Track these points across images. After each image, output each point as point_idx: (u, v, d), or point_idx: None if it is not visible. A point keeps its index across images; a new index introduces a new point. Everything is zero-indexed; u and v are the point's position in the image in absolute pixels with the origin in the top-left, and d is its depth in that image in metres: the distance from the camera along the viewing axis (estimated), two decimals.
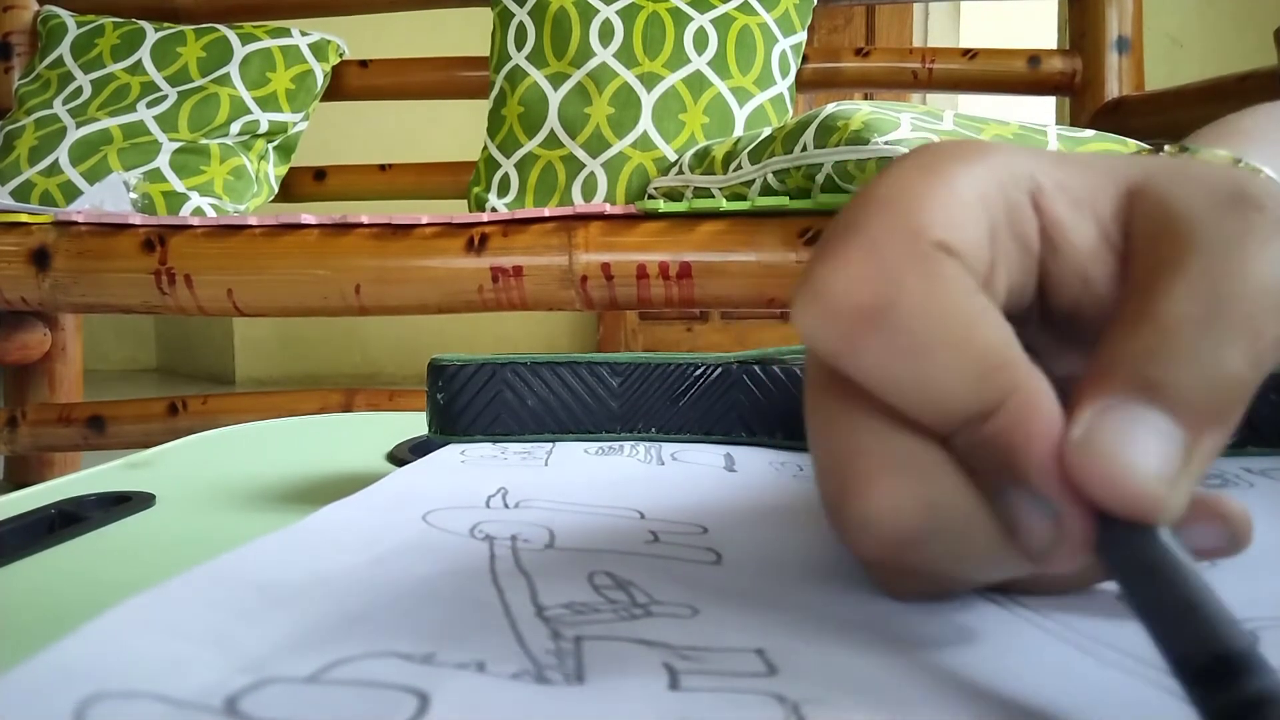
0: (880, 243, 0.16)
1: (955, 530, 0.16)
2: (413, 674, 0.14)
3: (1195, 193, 0.17)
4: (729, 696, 0.14)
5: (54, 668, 0.13)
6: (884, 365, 0.16)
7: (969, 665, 0.16)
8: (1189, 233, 0.16)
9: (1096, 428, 0.15)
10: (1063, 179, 0.18)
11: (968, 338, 0.16)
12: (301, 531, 0.21)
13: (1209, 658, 0.13)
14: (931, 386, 0.16)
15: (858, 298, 0.16)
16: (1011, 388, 0.15)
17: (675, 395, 0.33)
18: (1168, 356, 0.15)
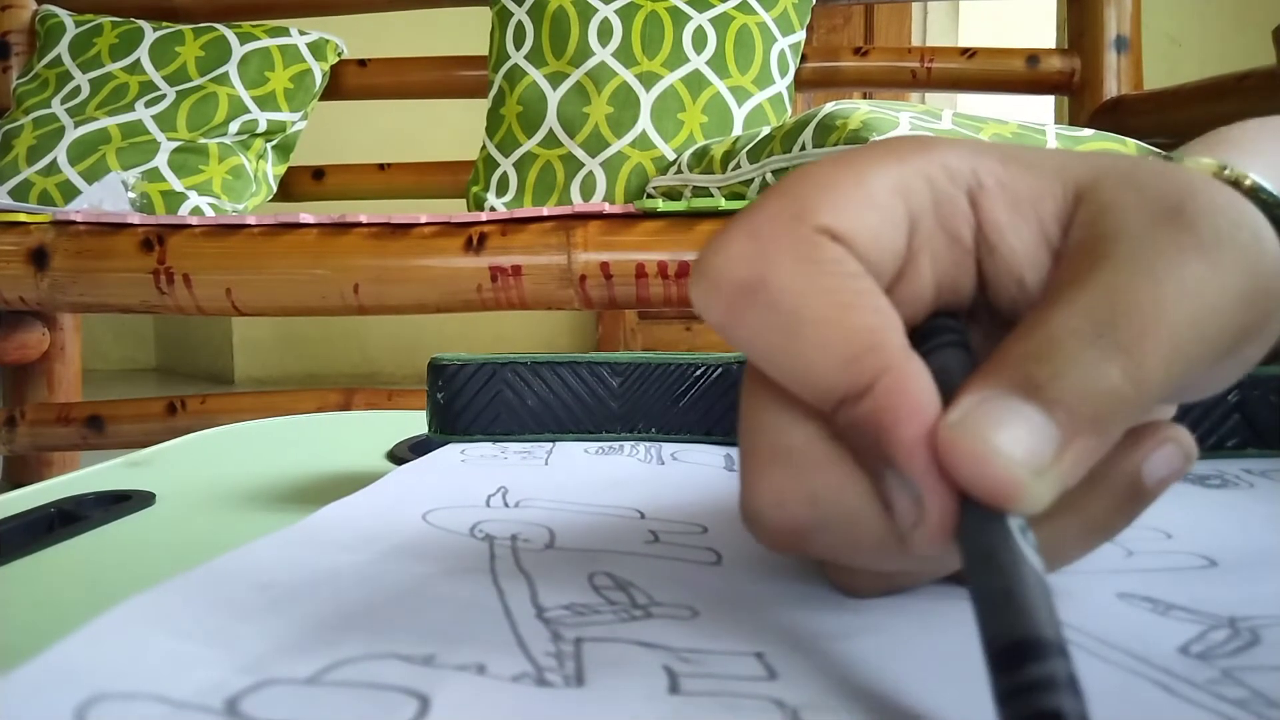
0: (761, 225, 0.17)
1: (840, 521, 0.17)
2: (413, 676, 0.14)
3: (1134, 203, 0.17)
4: (728, 701, 0.14)
5: (54, 669, 0.13)
6: (759, 339, 0.17)
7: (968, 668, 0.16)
8: (1110, 245, 0.16)
9: (972, 414, 0.15)
10: (1006, 178, 0.18)
11: (840, 317, 0.16)
12: (301, 531, 0.21)
13: (1009, 641, 0.13)
14: (803, 363, 0.16)
15: (734, 274, 0.17)
16: (882, 370, 0.16)
17: (675, 395, 0.33)
18: (1050, 358, 0.15)
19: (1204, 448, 0.31)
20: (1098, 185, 0.18)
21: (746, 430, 0.18)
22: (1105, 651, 0.16)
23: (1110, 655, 0.16)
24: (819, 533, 0.17)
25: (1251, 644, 0.17)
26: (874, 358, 0.16)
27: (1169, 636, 0.17)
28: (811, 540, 0.17)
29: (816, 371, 0.16)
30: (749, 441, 0.18)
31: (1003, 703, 0.13)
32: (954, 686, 0.15)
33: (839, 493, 0.17)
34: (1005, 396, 0.15)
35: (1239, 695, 0.15)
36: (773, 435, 0.17)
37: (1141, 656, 0.16)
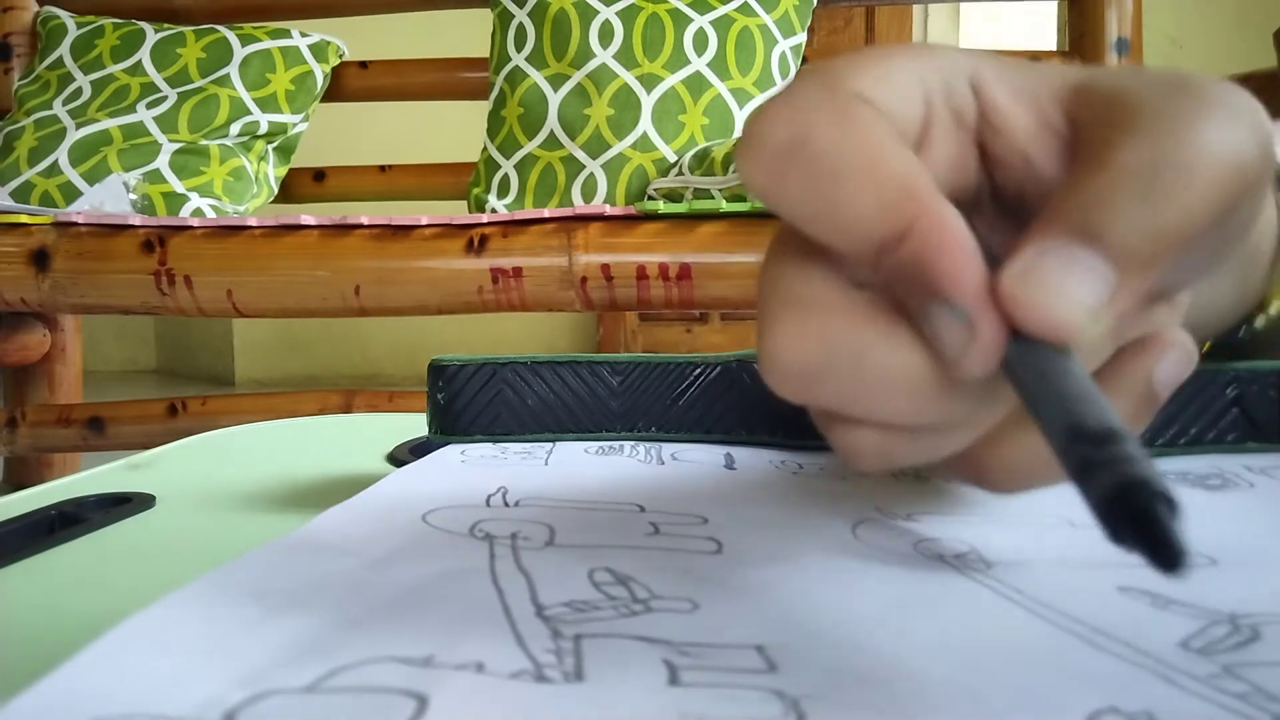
0: (799, 94, 0.18)
1: (850, 358, 0.17)
2: (411, 677, 0.14)
3: (1141, 80, 0.19)
4: (728, 692, 0.14)
5: (55, 693, 0.13)
6: (802, 196, 0.17)
7: (969, 660, 0.16)
8: (1136, 106, 0.18)
9: (1035, 264, 0.16)
10: (1004, 73, 0.20)
11: (876, 167, 0.17)
12: (300, 537, 0.21)
13: (1090, 426, 0.14)
14: (844, 213, 0.17)
15: (776, 136, 0.18)
16: (920, 211, 0.17)
17: (675, 395, 0.33)
18: (1108, 204, 0.17)
19: (1204, 443, 0.31)
20: (1094, 78, 0.19)
21: (765, 288, 0.19)
22: (1106, 643, 0.16)
23: (1111, 647, 0.16)
24: (830, 374, 0.17)
25: (1252, 640, 0.17)
26: (911, 202, 0.17)
27: (1170, 631, 0.17)
28: (823, 383, 0.18)
29: (857, 220, 0.17)
30: (767, 297, 0.19)
31: (1088, 474, 0.14)
32: (956, 678, 0.15)
33: (851, 331, 0.17)
34: (1065, 245, 0.17)
35: (1240, 689, 0.15)
36: (788, 286, 0.18)
37: (1142, 649, 0.16)
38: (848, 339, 0.17)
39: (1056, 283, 0.16)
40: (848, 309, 0.18)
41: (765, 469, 0.30)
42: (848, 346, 0.17)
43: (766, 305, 0.19)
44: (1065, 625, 0.17)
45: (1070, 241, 0.17)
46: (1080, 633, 0.17)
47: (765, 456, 0.31)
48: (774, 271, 0.19)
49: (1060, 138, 0.20)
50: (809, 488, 0.27)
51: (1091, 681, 0.15)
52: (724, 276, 0.99)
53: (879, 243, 0.17)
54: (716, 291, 1.00)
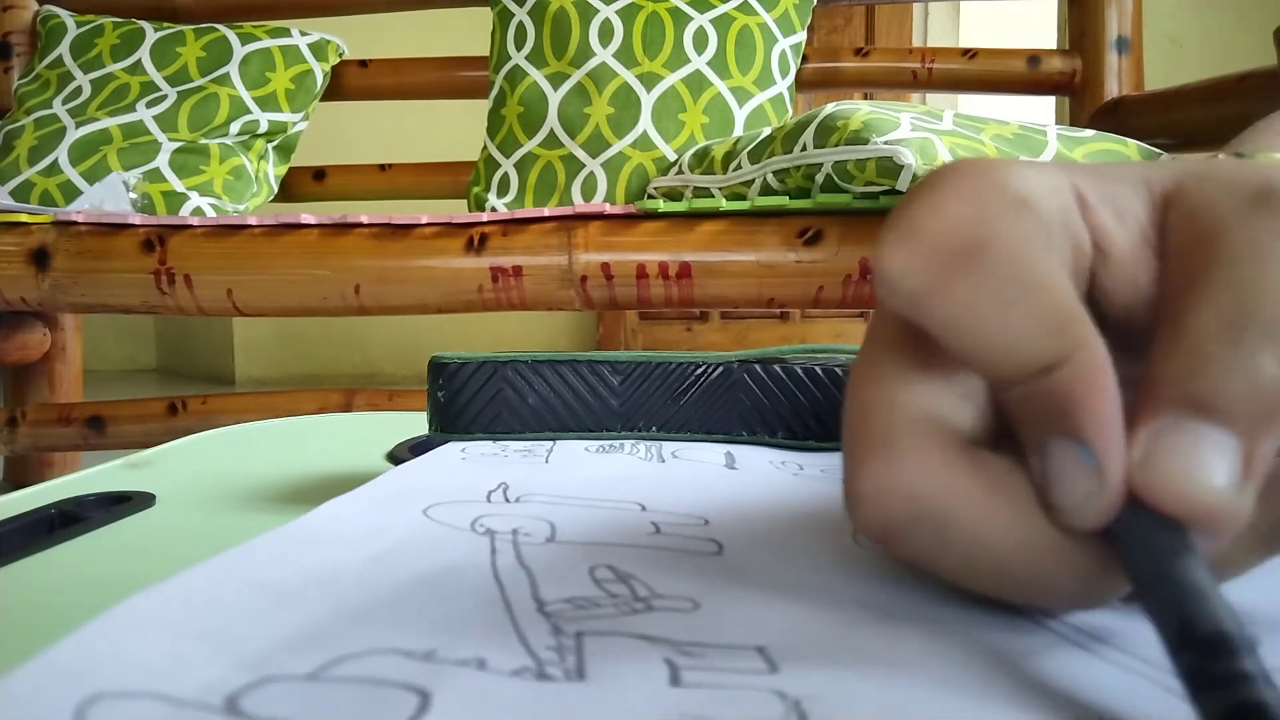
0: (974, 190, 0.17)
1: (937, 528, 0.16)
2: (413, 671, 0.14)
3: (1221, 196, 0.17)
4: (730, 693, 0.14)
5: (54, 668, 0.13)
6: (969, 307, 0.16)
7: (969, 664, 0.16)
8: (1213, 240, 0.17)
9: (1154, 450, 0.15)
10: (1103, 189, 0.18)
11: (1050, 287, 0.16)
12: (301, 528, 0.21)
13: (1207, 632, 0.13)
14: (1011, 333, 0.16)
15: (955, 237, 0.16)
16: (1080, 342, 0.16)
17: (676, 394, 0.33)
18: (1204, 370, 0.15)
19: None
20: (1182, 189, 0.18)
21: (856, 416, 0.18)
22: (1105, 649, 0.16)
23: (1109, 653, 0.16)
24: (912, 530, 0.16)
25: None
26: (1075, 330, 0.16)
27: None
28: (905, 539, 0.17)
29: (1020, 341, 0.16)
30: (857, 428, 0.17)
31: (1201, 690, 0.13)
32: (956, 681, 0.15)
33: (943, 492, 0.16)
34: (1177, 422, 0.15)
35: None
36: (882, 422, 0.17)
37: (1142, 656, 0.16)
38: (938, 501, 0.16)
39: (1185, 463, 0.15)
40: (943, 464, 0.16)
41: (766, 469, 0.30)
42: (936, 506, 0.16)
43: (855, 437, 0.17)
44: (1065, 631, 0.17)
45: (1182, 416, 0.15)
46: (1079, 639, 0.17)
47: (766, 456, 0.31)
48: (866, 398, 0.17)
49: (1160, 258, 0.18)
50: (810, 490, 0.27)
51: (1092, 685, 0.15)
52: (724, 275, 0.99)
53: (1032, 368, 0.16)
54: (716, 290, 0.99)
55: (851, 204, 0.97)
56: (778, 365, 0.32)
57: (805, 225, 0.98)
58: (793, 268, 0.98)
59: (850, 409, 0.18)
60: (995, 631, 0.17)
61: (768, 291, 0.99)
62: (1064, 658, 0.16)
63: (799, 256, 0.97)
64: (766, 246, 0.98)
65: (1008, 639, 0.17)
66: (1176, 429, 0.15)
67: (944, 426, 0.17)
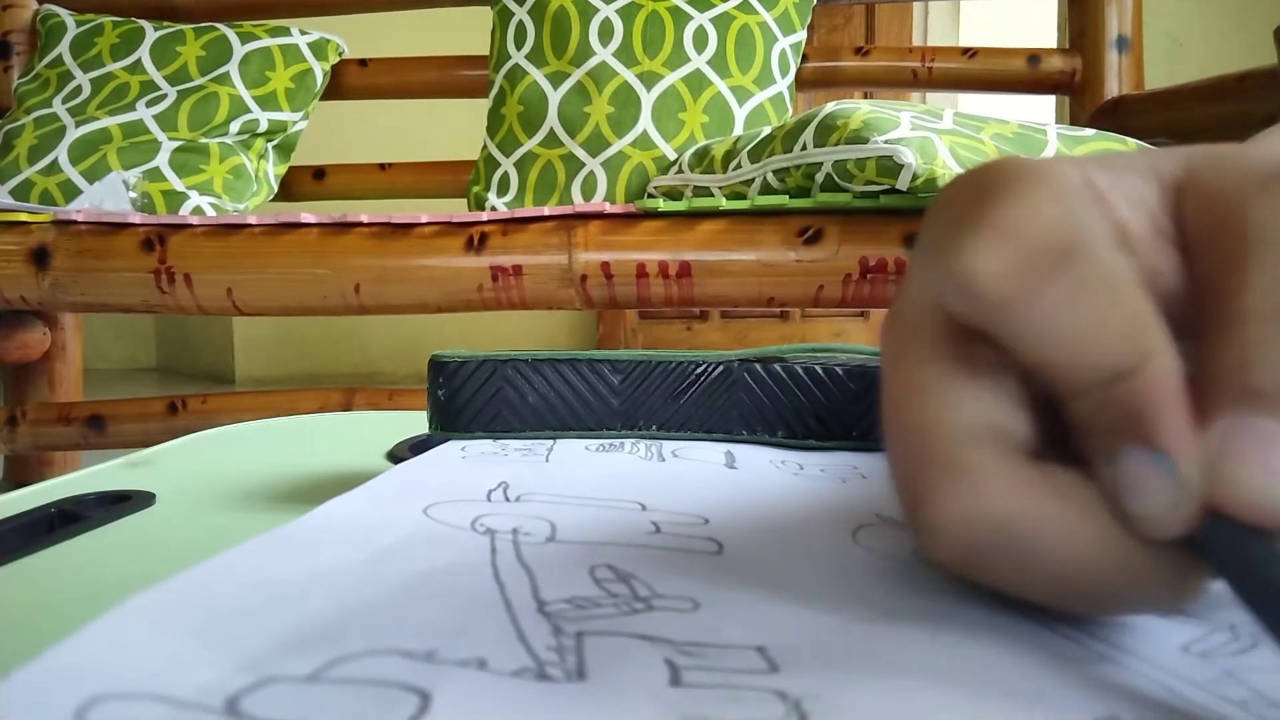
0: (1061, 189, 0.16)
1: (1025, 547, 0.16)
2: (414, 672, 0.14)
3: (1236, 180, 0.17)
4: (730, 693, 0.14)
5: (55, 670, 0.13)
6: (1058, 312, 0.15)
7: (970, 664, 0.16)
8: (1239, 225, 0.16)
9: (1222, 457, 0.15)
10: (1114, 180, 0.18)
11: (1131, 290, 0.16)
12: (301, 528, 0.21)
13: None
14: (1094, 338, 0.15)
15: (1049, 237, 0.15)
16: (1156, 348, 0.15)
17: (676, 393, 0.33)
18: (1260, 361, 0.15)
19: None
20: (1192, 175, 0.18)
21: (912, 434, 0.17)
22: (1106, 649, 0.16)
23: (1111, 653, 0.16)
24: (998, 556, 0.16)
25: (1252, 647, 0.17)
26: (1152, 334, 0.16)
27: (1170, 636, 0.17)
28: (991, 563, 0.16)
29: (1104, 347, 0.15)
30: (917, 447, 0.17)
31: None
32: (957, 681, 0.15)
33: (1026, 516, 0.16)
34: (1239, 420, 0.15)
35: (1240, 695, 0.15)
36: (944, 441, 0.16)
37: (1142, 655, 0.16)
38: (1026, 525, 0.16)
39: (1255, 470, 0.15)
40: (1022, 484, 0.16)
41: (766, 469, 0.30)
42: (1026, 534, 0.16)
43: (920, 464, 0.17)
44: (1065, 631, 0.17)
45: (1245, 412, 0.15)
46: (1080, 639, 0.17)
47: (766, 455, 0.31)
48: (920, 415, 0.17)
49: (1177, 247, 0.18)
50: (810, 490, 0.27)
51: (1092, 685, 0.15)
52: (724, 274, 0.99)
53: (1110, 375, 0.15)
54: (716, 289, 0.99)
55: (852, 203, 0.97)
56: (778, 364, 0.32)
57: (805, 224, 0.98)
58: (793, 267, 0.98)
59: (902, 431, 0.17)
60: (995, 631, 0.17)
61: (768, 291, 0.99)
62: (1064, 658, 0.16)
63: (799, 256, 0.97)
64: (766, 246, 0.98)
65: (1008, 639, 0.17)
66: (1239, 429, 0.15)
67: (1009, 440, 0.17)
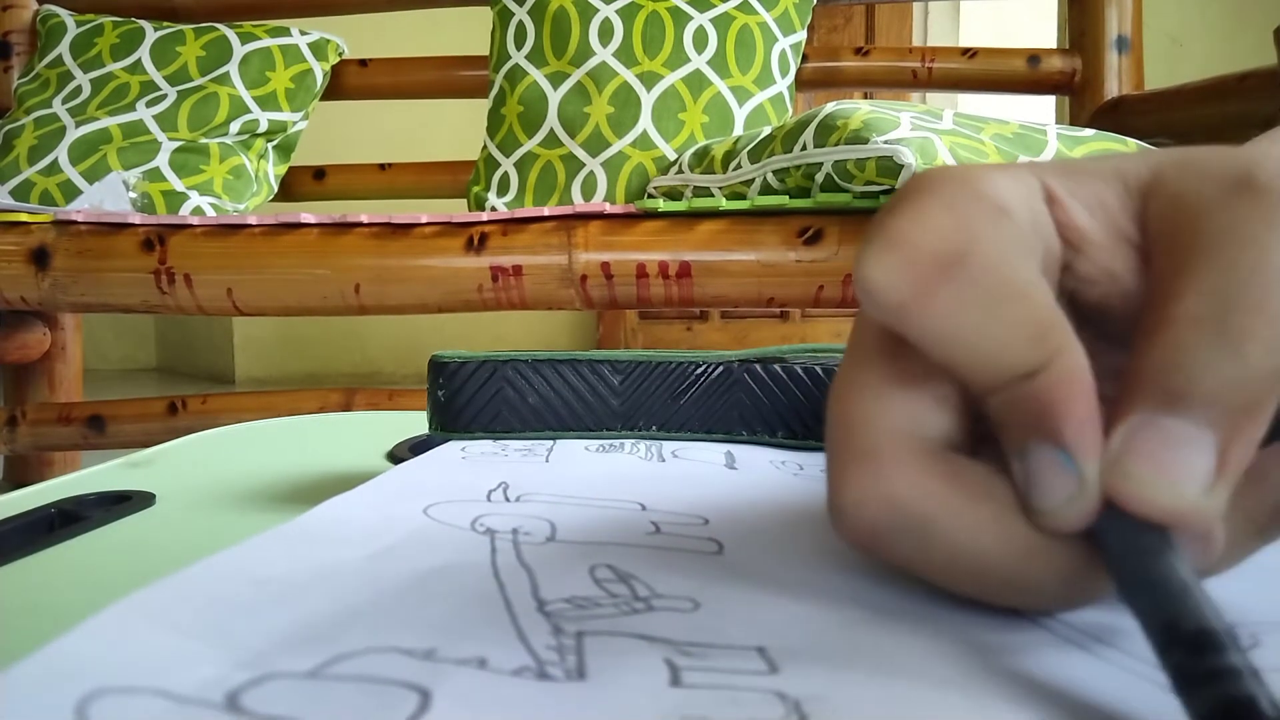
0: (955, 200, 0.17)
1: (916, 528, 0.16)
2: (414, 670, 0.14)
3: (1201, 184, 0.17)
4: (730, 694, 0.14)
5: (55, 664, 0.13)
6: (952, 316, 0.16)
7: (970, 664, 0.16)
8: (1194, 228, 0.16)
9: (1125, 452, 0.15)
10: (1072, 186, 0.18)
11: (1030, 294, 0.16)
12: (301, 526, 0.21)
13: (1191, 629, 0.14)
14: (992, 340, 0.16)
15: (937, 246, 0.16)
16: (1059, 348, 0.16)
17: (676, 393, 0.33)
18: (1183, 362, 0.15)
19: None
20: (1159, 178, 0.18)
21: (838, 429, 0.18)
22: (1102, 651, 0.16)
23: (1108, 654, 0.16)
24: (897, 538, 0.17)
25: (1251, 647, 0.17)
26: (1056, 334, 0.16)
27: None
28: (889, 545, 0.17)
29: (1002, 349, 0.16)
30: (839, 440, 0.18)
31: (1189, 687, 0.13)
32: (957, 681, 0.15)
33: (921, 498, 0.16)
34: (1154, 418, 0.15)
35: None
36: (862, 433, 0.17)
37: (1141, 656, 0.16)
38: (917, 505, 0.16)
39: (1155, 467, 0.15)
40: (922, 471, 0.17)
41: (766, 469, 0.30)
42: (916, 513, 0.16)
43: (838, 450, 0.18)
44: (1064, 631, 0.17)
45: (1158, 412, 0.15)
46: (1078, 639, 0.17)
47: (766, 456, 0.31)
48: (848, 410, 0.18)
49: (1137, 248, 0.18)
50: (810, 490, 0.27)
51: (1092, 685, 0.15)
52: (724, 274, 0.99)
53: (1013, 375, 0.16)
54: (716, 289, 0.99)
55: (851, 203, 0.97)
56: (778, 365, 0.32)
57: (805, 225, 0.98)
58: (793, 267, 0.98)
59: (832, 421, 0.18)
60: (995, 632, 0.17)
61: (768, 291, 0.99)
62: (1063, 658, 0.16)
63: (799, 256, 0.97)
64: (766, 246, 0.98)
65: (1008, 639, 0.17)
66: (1148, 427, 0.15)
67: (923, 436, 0.17)
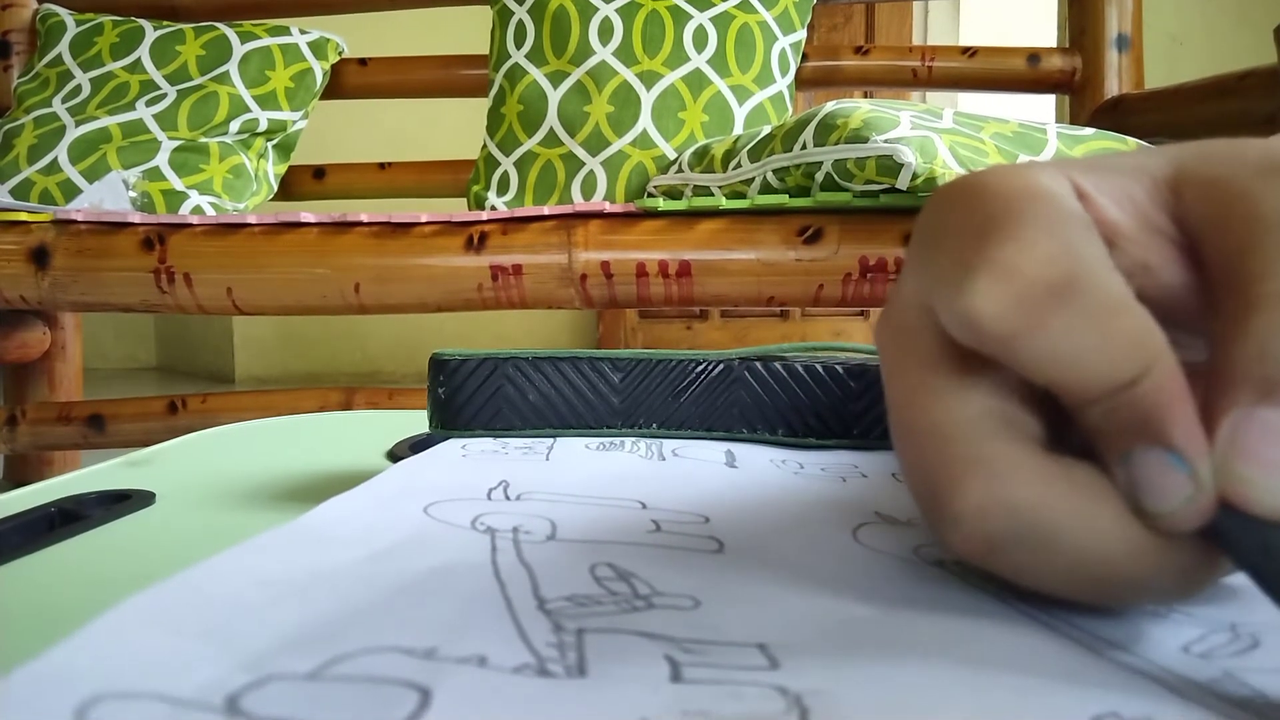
0: (1052, 223, 0.17)
1: (1039, 537, 0.16)
2: (414, 669, 0.14)
3: (1236, 170, 0.17)
4: (731, 689, 0.14)
5: (54, 669, 0.13)
6: (1066, 339, 0.16)
7: (970, 662, 0.16)
8: (1247, 213, 0.17)
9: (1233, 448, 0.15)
10: (1100, 182, 0.19)
11: (1129, 306, 0.16)
12: (301, 527, 0.21)
13: None
14: (1103, 355, 0.16)
15: (1050, 274, 0.16)
16: (1160, 351, 0.16)
17: (676, 391, 0.33)
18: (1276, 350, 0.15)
19: None
20: (1185, 170, 0.18)
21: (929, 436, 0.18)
22: (1106, 648, 0.16)
23: (1111, 652, 0.16)
24: (1016, 545, 0.17)
25: (1252, 647, 0.17)
26: (1153, 341, 0.16)
27: (1170, 636, 0.17)
28: (1007, 553, 0.17)
29: (1112, 362, 0.16)
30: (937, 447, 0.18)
31: None
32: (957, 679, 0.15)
33: (1045, 506, 0.16)
34: (1250, 413, 0.15)
35: (1242, 695, 0.15)
36: (964, 440, 0.17)
37: (1142, 655, 0.16)
38: (1043, 513, 0.16)
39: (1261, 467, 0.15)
40: (1040, 476, 0.17)
41: (766, 468, 0.30)
42: (1042, 520, 0.16)
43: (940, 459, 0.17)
44: (1066, 629, 0.17)
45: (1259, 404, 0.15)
46: (1080, 638, 0.17)
47: (766, 454, 0.31)
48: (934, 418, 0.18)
49: (1170, 240, 0.18)
50: (810, 489, 0.27)
51: (1092, 685, 0.15)
52: (724, 273, 0.99)
53: (1118, 385, 0.16)
54: (716, 289, 0.99)
55: (851, 202, 0.97)
56: (778, 363, 0.32)
57: (805, 224, 0.98)
58: (793, 266, 0.98)
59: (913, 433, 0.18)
60: (996, 628, 0.17)
61: (768, 290, 0.99)
62: (1066, 655, 0.16)
63: (799, 255, 0.97)
64: (766, 245, 0.98)
65: (1008, 636, 0.17)
66: (1250, 422, 0.15)
67: (1023, 432, 0.17)
